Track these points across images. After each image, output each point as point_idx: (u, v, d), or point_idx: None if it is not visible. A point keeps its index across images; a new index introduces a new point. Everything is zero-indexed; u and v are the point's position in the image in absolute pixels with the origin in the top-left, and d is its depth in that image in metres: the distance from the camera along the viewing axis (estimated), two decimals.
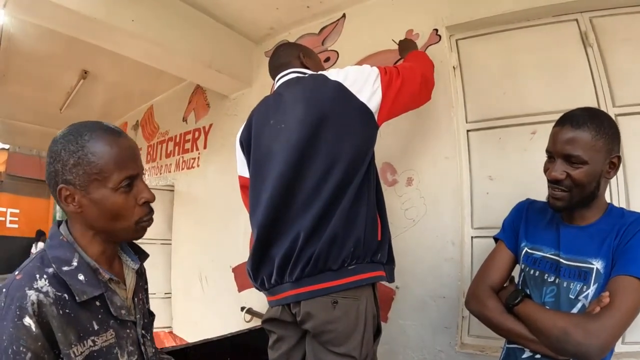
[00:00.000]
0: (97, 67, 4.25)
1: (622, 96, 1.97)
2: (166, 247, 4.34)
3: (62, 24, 2.58)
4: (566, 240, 1.29)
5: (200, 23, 3.06)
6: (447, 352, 2.14)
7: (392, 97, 1.61)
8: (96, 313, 0.99)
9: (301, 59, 1.81)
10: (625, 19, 2.01)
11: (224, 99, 3.83)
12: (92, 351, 0.95)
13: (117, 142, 1.03)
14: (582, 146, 1.19)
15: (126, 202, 1.03)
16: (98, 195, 0.99)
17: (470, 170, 2.26)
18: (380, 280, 1.54)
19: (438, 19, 2.39)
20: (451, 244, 2.19)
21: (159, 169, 4.77)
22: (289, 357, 1.59)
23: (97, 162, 0.99)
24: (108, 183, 1.00)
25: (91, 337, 0.95)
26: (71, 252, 1.00)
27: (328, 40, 2.95)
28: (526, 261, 1.39)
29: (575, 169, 1.20)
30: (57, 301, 0.91)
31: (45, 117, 5.85)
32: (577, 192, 1.23)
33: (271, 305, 1.62)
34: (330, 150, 1.50)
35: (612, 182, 1.91)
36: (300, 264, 1.45)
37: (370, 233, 1.50)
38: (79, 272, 0.98)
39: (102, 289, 1.01)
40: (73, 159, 0.99)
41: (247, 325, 2.93)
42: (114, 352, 1.00)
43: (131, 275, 1.16)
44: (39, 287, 0.90)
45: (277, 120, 1.62)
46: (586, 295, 1.19)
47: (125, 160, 1.02)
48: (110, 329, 1.00)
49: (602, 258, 1.19)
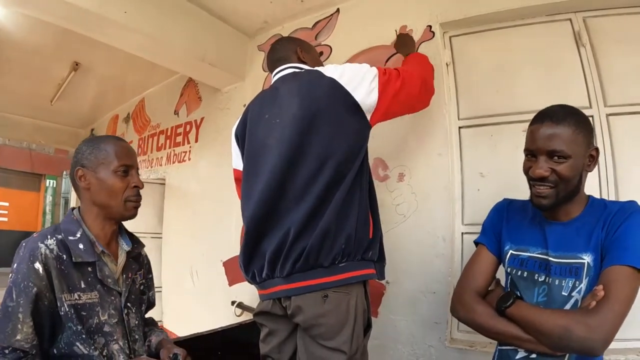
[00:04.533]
0: (89, 59, 4.22)
1: (614, 96, 1.98)
2: (157, 240, 4.31)
3: (53, 15, 2.55)
4: (553, 238, 1.29)
5: (193, 16, 3.04)
6: (437, 347, 2.15)
7: (388, 99, 1.59)
8: (86, 275, 1.29)
9: (299, 54, 1.80)
10: (618, 19, 2.02)
11: (216, 92, 3.82)
12: (77, 303, 1.24)
13: (119, 143, 1.43)
14: (564, 141, 1.19)
15: (121, 183, 1.38)
16: (102, 175, 1.37)
17: (461, 166, 2.28)
18: (371, 278, 1.55)
19: (432, 15, 2.39)
20: (442, 240, 2.20)
21: (150, 162, 4.74)
22: (280, 350, 1.59)
23: (104, 152, 1.38)
24: (110, 167, 1.37)
25: (77, 292, 1.25)
26: (77, 226, 1.35)
27: (321, 35, 2.95)
28: (512, 263, 1.38)
29: (560, 164, 1.20)
30: (57, 258, 1.23)
31: (36, 109, 5.80)
32: (563, 187, 1.22)
33: (262, 299, 1.63)
34: (322, 146, 1.50)
35: (602, 180, 1.93)
36: (291, 259, 1.45)
37: (362, 231, 1.50)
38: (80, 242, 1.31)
39: (95, 258, 1.31)
40: (89, 150, 1.39)
41: (237, 319, 2.93)
42: (96, 309, 1.28)
43: (123, 256, 1.45)
44: (48, 244, 1.24)
45: (271, 115, 1.62)
46: (579, 290, 1.19)
47: (123, 154, 1.41)
48: (95, 291, 1.30)
49: (591, 252, 1.20)
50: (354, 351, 1.43)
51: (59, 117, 6.25)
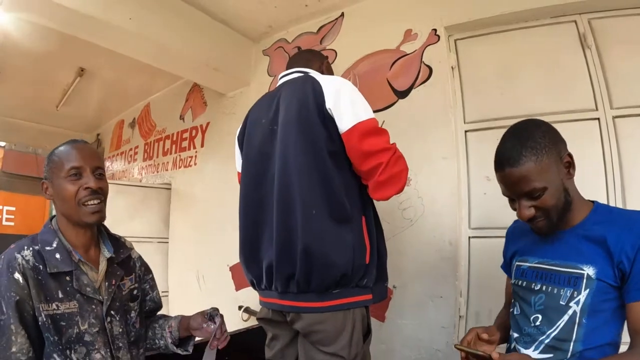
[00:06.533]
0: (94, 64, 4.24)
1: (620, 98, 1.97)
2: (163, 245, 4.32)
3: (58, 21, 2.57)
4: (552, 247, 1.27)
5: (198, 21, 3.06)
6: (444, 351, 2.14)
7: (358, 146, 1.44)
8: (64, 285, 1.25)
9: (322, 68, 1.75)
10: (624, 20, 2.02)
11: (222, 97, 3.83)
12: (56, 313, 1.21)
13: (70, 146, 1.35)
14: (532, 178, 1.15)
15: (72, 188, 1.29)
16: (57, 183, 1.31)
17: (468, 170, 2.27)
18: (367, 304, 1.51)
19: (437, 18, 2.39)
20: (448, 244, 2.20)
21: (155, 167, 4.75)
22: (283, 355, 1.60)
23: (56, 159, 1.33)
24: (61, 173, 1.30)
25: (55, 302, 1.22)
26: (53, 236, 1.31)
27: (326, 39, 2.95)
28: (515, 274, 1.37)
29: (539, 198, 1.17)
30: (34, 268, 1.22)
31: (42, 114, 5.83)
32: (555, 213, 1.19)
33: (262, 306, 1.64)
34: (294, 156, 1.45)
35: (608, 183, 1.92)
36: (280, 280, 1.46)
37: (358, 258, 1.43)
38: (57, 251, 1.27)
39: (72, 267, 1.27)
40: (47, 161, 1.35)
41: (244, 324, 2.93)
42: (75, 319, 1.24)
43: (104, 263, 1.38)
44: (24, 255, 1.22)
45: (268, 120, 1.60)
46: (577, 302, 1.15)
47: (72, 157, 1.32)
48: (74, 300, 1.25)
49: (593, 264, 1.15)
50: (352, 356, 1.43)
51: (64, 122, 6.27)
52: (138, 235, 4.03)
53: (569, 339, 1.15)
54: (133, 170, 5.27)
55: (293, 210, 1.43)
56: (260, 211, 1.56)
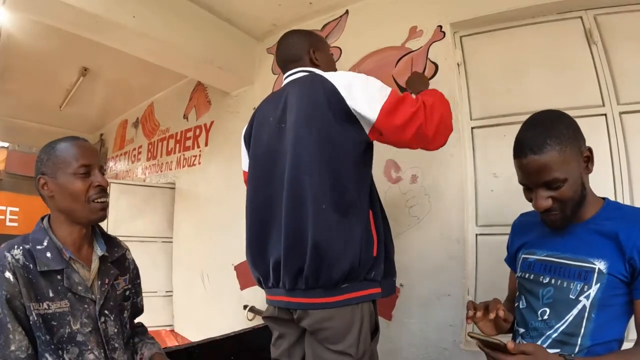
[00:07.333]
0: (97, 64, 4.25)
1: (627, 94, 1.96)
2: (167, 245, 4.33)
3: (62, 20, 2.57)
4: (562, 240, 1.25)
5: (201, 19, 3.05)
6: (451, 350, 2.14)
7: (391, 120, 1.46)
8: (56, 284, 1.24)
9: (311, 56, 1.73)
10: (630, 16, 2.00)
11: (226, 96, 3.82)
12: (46, 312, 1.20)
13: (76, 143, 1.36)
14: (554, 168, 1.13)
15: (82, 185, 1.30)
16: (62, 180, 1.30)
17: (474, 167, 2.26)
18: (375, 297, 1.51)
19: (442, 15, 2.39)
20: (456, 242, 2.19)
21: (159, 166, 4.76)
22: (290, 354, 1.59)
23: (61, 155, 1.32)
24: (69, 169, 1.30)
25: (46, 301, 1.21)
26: (44, 235, 1.29)
27: (331, 37, 2.94)
28: (521, 267, 1.36)
29: (558, 189, 1.16)
30: (24, 267, 1.20)
31: (45, 114, 5.84)
32: (570, 206, 1.18)
33: (268, 304, 1.63)
34: (310, 154, 1.45)
35: (616, 179, 1.91)
36: (288, 276, 1.45)
37: (365, 251, 1.44)
38: (47, 250, 1.26)
39: (63, 265, 1.26)
40: (46, 156, 1.32)
41: (250, 323, 2.93)
42: (67, 319, 1.23)
43: (97, 261, 1.38)
44: (14, 254, 1.21)
45: (276, 119, 1.60)
46: (587, 296, 1.14)
47: (81, 154, 1.33)
48: (65, 299, 1.24)
49: (605, 259, 1.14)
50: (360, 354, 1.42)
51: (68, 123, 6.28)
52: (142, 235, 4.07)
53: (577, 334, 1.14)
54: (137, 170, 5.29)
55: (304, 204, 1.42)
56: (268, 209, 1.55)
